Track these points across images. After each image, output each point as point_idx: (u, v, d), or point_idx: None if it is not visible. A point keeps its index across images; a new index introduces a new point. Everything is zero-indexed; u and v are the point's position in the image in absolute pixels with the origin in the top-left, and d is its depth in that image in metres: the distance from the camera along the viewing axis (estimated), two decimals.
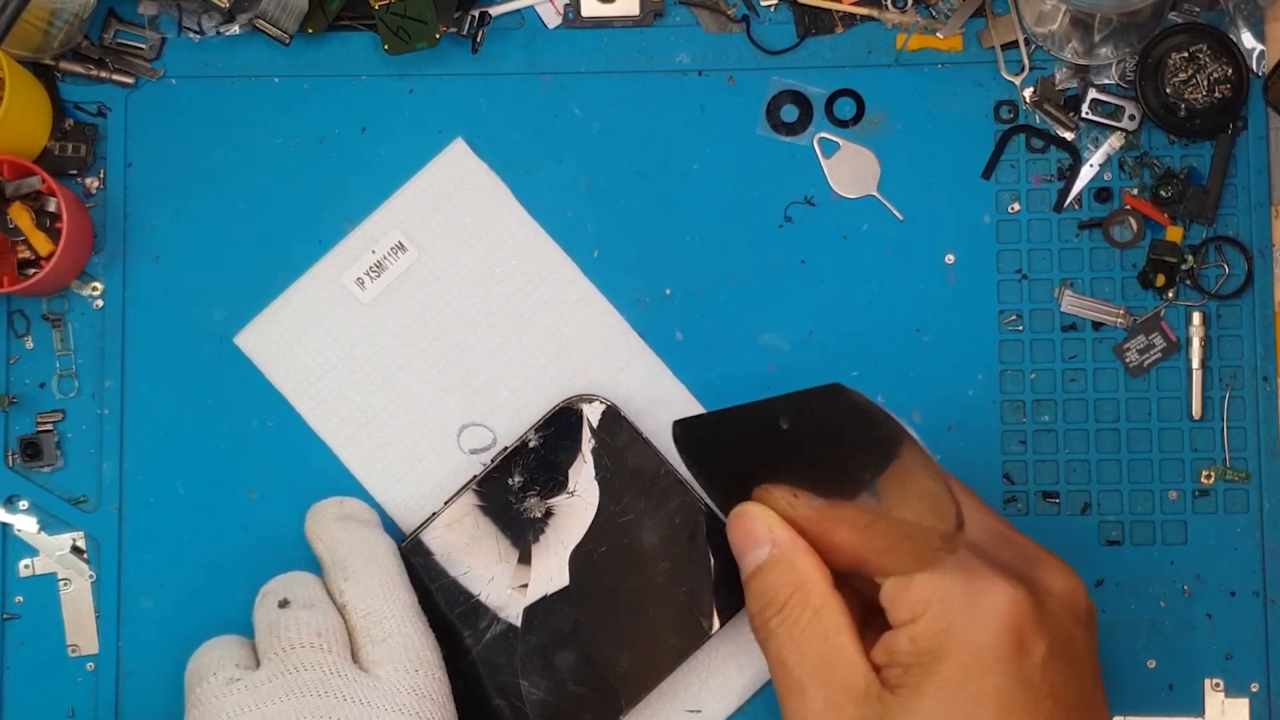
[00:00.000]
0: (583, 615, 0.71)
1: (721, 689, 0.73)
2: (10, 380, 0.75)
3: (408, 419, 0.75)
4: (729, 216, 0.76)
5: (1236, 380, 0.74)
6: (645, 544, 0.71)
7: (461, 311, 0.75)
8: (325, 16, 0.75)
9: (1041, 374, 0.75)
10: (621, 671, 0.71)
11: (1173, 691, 0.74)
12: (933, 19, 0.76)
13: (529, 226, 0.76)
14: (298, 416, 0.75)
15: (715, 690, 0.73)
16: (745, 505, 0.66)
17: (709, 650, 0.72)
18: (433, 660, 0.66)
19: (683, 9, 0.76)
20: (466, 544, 0.72)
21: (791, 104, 0.76)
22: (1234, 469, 0.74)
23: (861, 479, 0.62)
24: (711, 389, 0.75)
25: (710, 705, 0.73)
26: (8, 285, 0.71)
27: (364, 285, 0.75)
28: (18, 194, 0.73)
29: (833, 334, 0.75)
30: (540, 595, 0.71)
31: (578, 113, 0.76)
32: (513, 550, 0.72)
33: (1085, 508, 0.74)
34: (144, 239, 0.76)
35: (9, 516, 0.74)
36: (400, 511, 0.74)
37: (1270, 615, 0.74)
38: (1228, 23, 0.75)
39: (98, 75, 0.75)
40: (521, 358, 0.75)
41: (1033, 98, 0.75)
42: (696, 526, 0.71)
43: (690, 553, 0.71)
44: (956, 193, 0.75)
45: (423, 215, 0.75)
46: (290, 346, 0.75)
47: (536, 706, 0.71)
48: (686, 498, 0.71)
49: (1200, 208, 0.75)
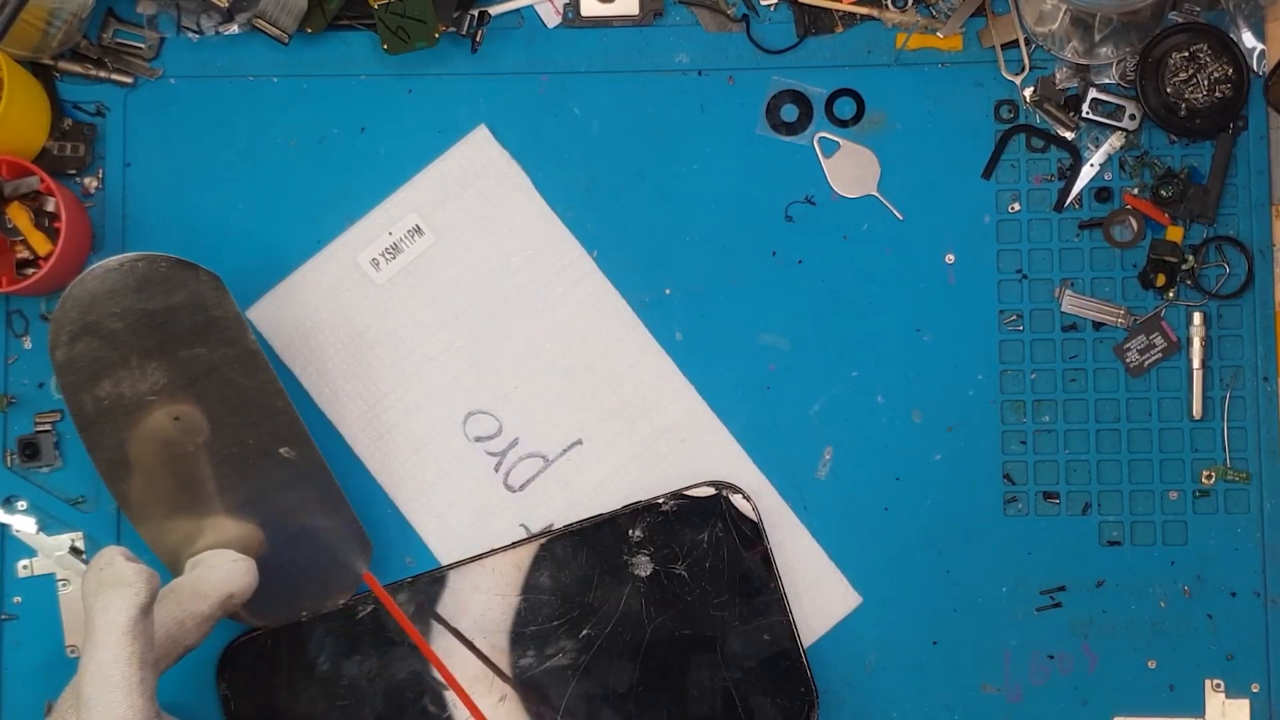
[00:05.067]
0: (642, 685, 0.71)
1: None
2: (9, 380, 0.75)
3: (415, 402, 0.75)
4: (729, 216, 0.75)
5: (1237, 380, 0.74)
6: (728, 645, 0.72)
7: (474, 299, 0.75)
8: (324, 16, 0.75)
9: (1042, 374, 0.75)
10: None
11: (1173, 692, 0.74)
12: (933, 19, 0.76)
13: (547, 218, 0.76)
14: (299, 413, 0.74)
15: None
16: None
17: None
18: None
19: (683, 9, 0.76)
20: (562, 566, 0.72)
21: (791, 104, 0.76)
22: (1235, 469, 0.74)
23: None
24: (712, 389, 0.75)
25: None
26: (6, 285, 0.71)
27: (379, 266, 0.75)
28: (16, 194, 0.73)
29: (833, 334, 0.75)
30: (613, 646, 0.72)
31: (577, 112, 0.76)
32: (605, 595, 0.72)
33: (1086, 508, 0.74)
34: (143, 239, 0.75)
35: (8, 517, 0.74)
36: (402, 494, 0.74)
37: (1271, 616, 0.74)
38: (1228, 22, 0.75)
39: (96, 75, 0.75)
40: (532, 349, 0.75)
41: (1033, 97, 0.75)
42: (783, 651, 0.72)
43: (769, 672, 0.71)
44: (957, 192, 0.75)
45: (441, 200, 0.75)
46: (302, 323, 0.75)
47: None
48: (783, 618, 0.72)
49: (1201, 207, 0.74)
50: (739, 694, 0.71)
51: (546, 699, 0.71)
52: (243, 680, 0.72)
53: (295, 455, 0.70)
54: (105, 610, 0.61)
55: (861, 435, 0.75)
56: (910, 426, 0.75)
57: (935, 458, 0.74)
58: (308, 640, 0.72)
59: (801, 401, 0.75)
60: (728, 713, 0.71)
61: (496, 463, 0.75)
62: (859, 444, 0.75)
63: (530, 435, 0.75)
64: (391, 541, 0.74)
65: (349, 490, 0.72)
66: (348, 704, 0.72)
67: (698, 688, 0.71)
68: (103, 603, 0.62)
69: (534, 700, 0.71)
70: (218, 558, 0.69)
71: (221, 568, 0.68)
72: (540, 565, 0.72)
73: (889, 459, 0.74)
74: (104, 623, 0.61)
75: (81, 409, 0.69)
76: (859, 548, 0.74)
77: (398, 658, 0.72)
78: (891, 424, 0.75)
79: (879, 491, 0.74)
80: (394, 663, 0.72)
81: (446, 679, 0.70)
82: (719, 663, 0.71)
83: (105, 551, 0.63)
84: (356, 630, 0.72)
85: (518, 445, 0.75)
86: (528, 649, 0.72)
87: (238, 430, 0.70)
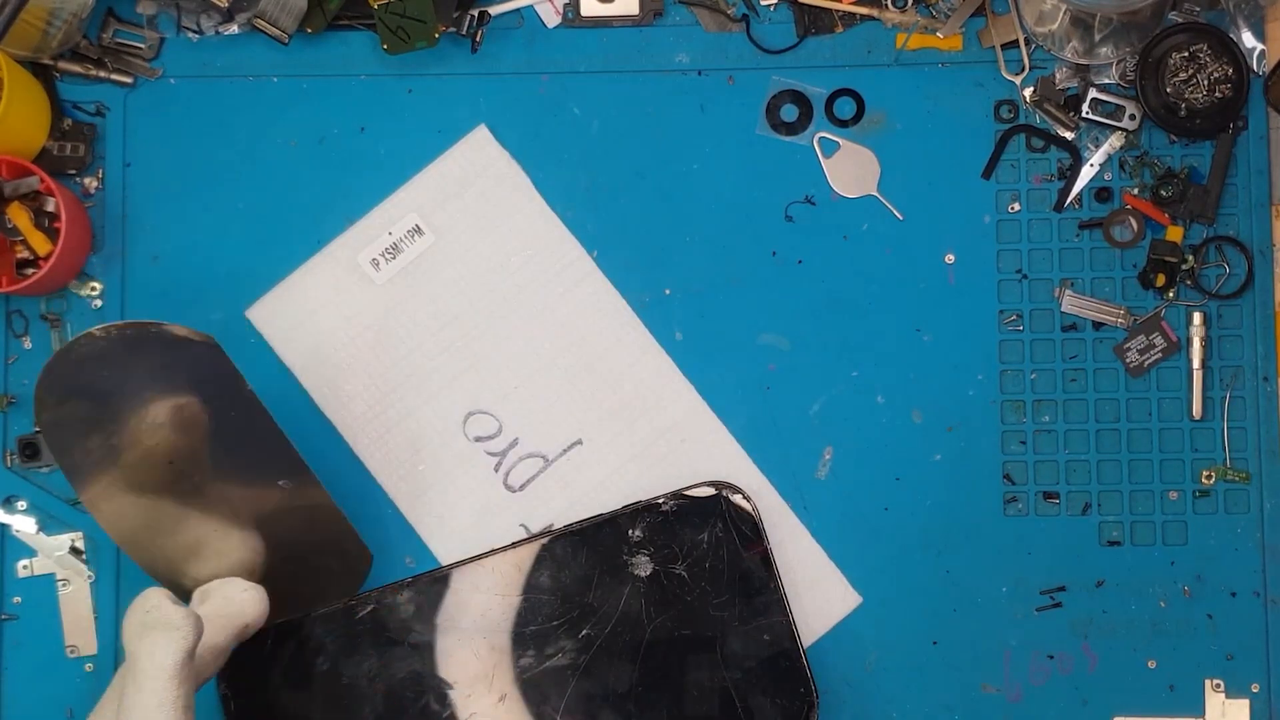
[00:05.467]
0: (642, 685, 0.71)
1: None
2: (9, 380, 0.75)
3: (415, 401, 0.75)
4: (729, 216, 0.75)
5: (1237, 380, 0.74)
6: (728, 645, 0.72)
7: (474, 299, 0.75)
8: (324, 16, 0.75)
9: (1042, 374, 0.75)
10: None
11: (1173, 692, 0.74)
12: (933, 18, 0.76)
13: (547, 218, 0.76)
14: (295, 413, 0.74)
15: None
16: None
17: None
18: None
19: (683, 9, 0.76)
20: (562, 566, 0.72)
21: (791, 104, 0.76)
22: (1235, 469, 0.74)
23: None
24: (712, 389, 0.75)
25: None
26: (6, 285, 0.71)
27: (379, 266, 0.75)
28: (16, 194, 0.73)
29: (833, 334, 0.75)
30: (613, 646, 0.72)
31: (577, 112, 0.76)
32: (605, 595, 0.72)
33: (1086, 508, 0.74)
34: (142, 239, 0.75)
35: (8, 517, 0.74)
36: (402, 494, 0.74)
37: (1271, 616, 0.74)
38: (1228, 22, 0.75)
39: (96, 75, 0.75)
40: (532, 349, 0.75)
41: (1033, 97, 0.75)
42: (783, 651, 0.71)
43: (769, 672, 0.71)
44: (956, 193, 0.75)
45: (441, 200, 0.75)
46: (302, 323, 0.75)
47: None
48: (783, 618, 0.72)
49: (1201, 207, 0.74)
50: (739, 694, 0.71)
51: (546, 699, 0.71)
52: (243, 680, 0.72)
53: (293, 485, 0.70)
54: (151, 654, 0.61)
55: (861, 435, 0.75)
56: (910, 426, 0.75)
57: (935, 458, 0.74)
58: (308, 640, 0.72)
59: (801, 401, 0.75)
60: (727, 713, 0.71)
61: (496, 463, 0.75)
62: (859, 444, 0.75)
63: (530, 435, 0.75)
64: (391, 541, 0.74)
65: (349, 490, 0.72)
66: (348, 704, 0.72)
67: (697, 688, 0.71)
68: (148, 646, 0.61)
69: (534, 700, 0.71)
70: (229, 588, 0.68)
71: (235, 599, 0.68)
72: (540, 565, 0.72)
73: (889, 459, 0.74)
74: (150, 666, 0.61)
75: (72, 463, 0.69)
76: (859, 548, 0.74)
77: (398, 658, 0.72)
78: (891, 424, 0.75)
79: (879, 491, 0.74)
80: (394, 663, 0.72)
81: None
82: (719, 663, 0.71)
83: (149, 594, 0.63)
84: (356, 630, 0.72)
85: (518, 445, 0.75)
86: (528, 649, 0.72)
87: (235, 470, 0.69)
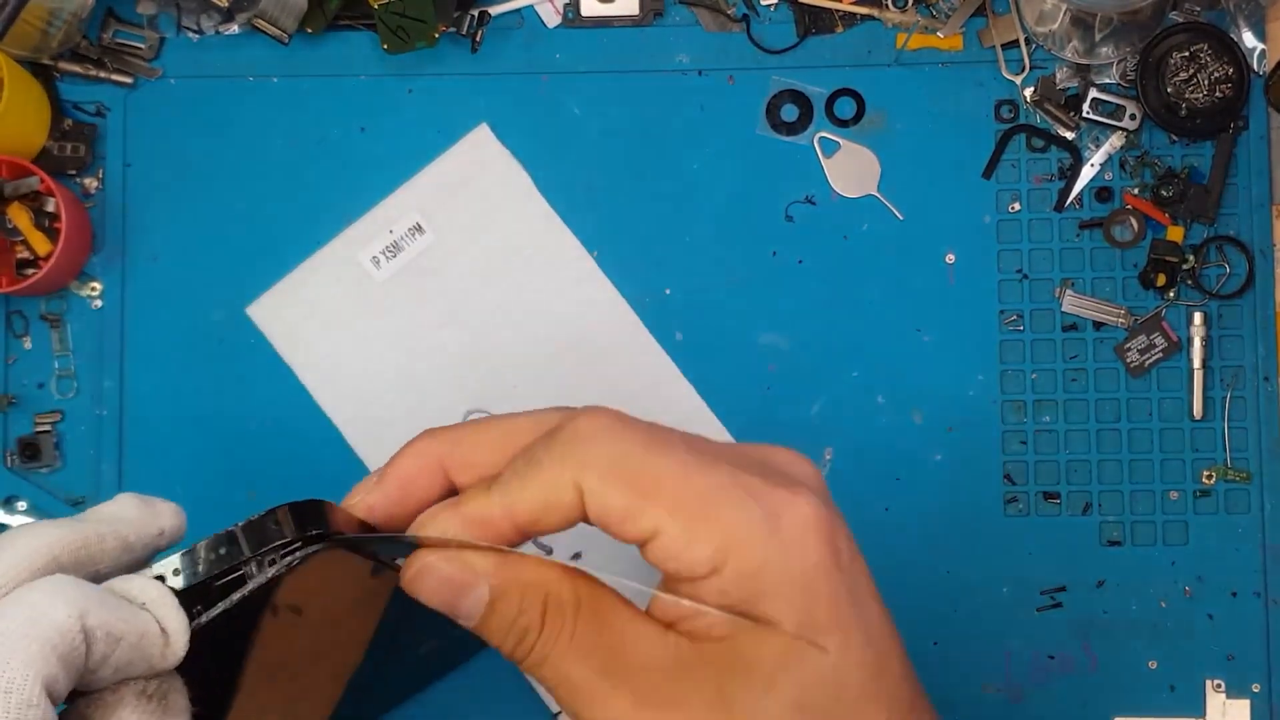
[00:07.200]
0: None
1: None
2: (9, 381, 0.75)
3: (414, 401, 0.75)
4: (729, 216, 0.75)
5: (1238, 380, 0.74)
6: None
7: (474, 298, 0.75)
8: (324, 16, 0.75)
9: (1042, 374, 0.75)
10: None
11: (1174, 692, 0.74)
12: (933, 18, 0.76)
13: (547, 218, 0.76)
14: (298, 414, 0.74)
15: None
16: (420, 557, 0.51)
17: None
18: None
19: (683, 8, 0.76)
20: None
21: (791, 104, 0.76)
22: (1235, 469, 0.74)
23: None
24: (712, 389, 0.75)
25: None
26: (6, 285, 0.71)
27: (379, 264, 0.75)
28: (16, 194, 0.73)
29: (833, 334, 0.75)
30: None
31: (577, 112, 0.76)
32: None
33: (1086, 508, 0.74)
34: (143, 239, 0.76)
35: (7, 517, 0.74)
36: None
37: (1271, 616, 0.74)
38: (1229, 22, 0.75)
39: (96, 75, 0.75)
40: (531, 349, 0.75)
41: (1033, 97, 0.75)
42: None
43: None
44: (957, 192, 0.75)
45: (442, 198, 0.75)
46: (302, 320, 0.75)
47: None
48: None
49: (1201, 207, 0.74)
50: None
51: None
52: None
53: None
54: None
55: (861, 435, 0.75)
56: (910, 426, 0.75)
57: (935, 458, 0.74)
58: None
59: (801, 401, 0.75)
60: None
61: None
62: (859, 444, 0.75)
63: None
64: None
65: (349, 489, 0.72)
66: None
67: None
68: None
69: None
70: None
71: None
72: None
73: (889, 459, 0.74)
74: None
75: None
76: (859, 548, 0.74)
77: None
78: (891, 424, 0.75)
79: (879, 491, 0.74)
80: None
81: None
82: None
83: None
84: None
85: None
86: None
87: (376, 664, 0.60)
